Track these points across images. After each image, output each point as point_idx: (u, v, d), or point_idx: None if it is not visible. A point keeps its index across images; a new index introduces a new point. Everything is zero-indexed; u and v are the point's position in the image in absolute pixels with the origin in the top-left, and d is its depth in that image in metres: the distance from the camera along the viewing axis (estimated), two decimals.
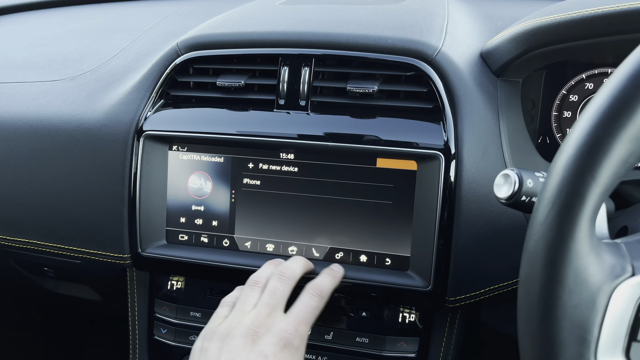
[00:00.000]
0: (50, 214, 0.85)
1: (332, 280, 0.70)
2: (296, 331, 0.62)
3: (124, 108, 0.81)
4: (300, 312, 0.64)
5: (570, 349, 0.39)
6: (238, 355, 0.59)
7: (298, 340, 0.61)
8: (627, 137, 0.37)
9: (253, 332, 0.61)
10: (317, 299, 0.66)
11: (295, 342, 0.61)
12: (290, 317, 0.63)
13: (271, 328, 0.61)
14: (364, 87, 0.73)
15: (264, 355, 0.59)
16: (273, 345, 0.60)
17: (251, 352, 0.59)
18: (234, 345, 0.60)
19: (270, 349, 0.59)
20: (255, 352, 0.59)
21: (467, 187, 0.69)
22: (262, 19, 0.86)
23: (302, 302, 0.66)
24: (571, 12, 0.67)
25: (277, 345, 0.60)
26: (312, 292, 0.67)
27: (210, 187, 0.78)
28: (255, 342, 0.60)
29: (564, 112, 0.80)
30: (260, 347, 0.59)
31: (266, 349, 0.59)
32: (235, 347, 0.60)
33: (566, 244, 0.38)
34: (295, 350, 0.61)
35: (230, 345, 0.60)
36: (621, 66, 0.39)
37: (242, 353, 0.59)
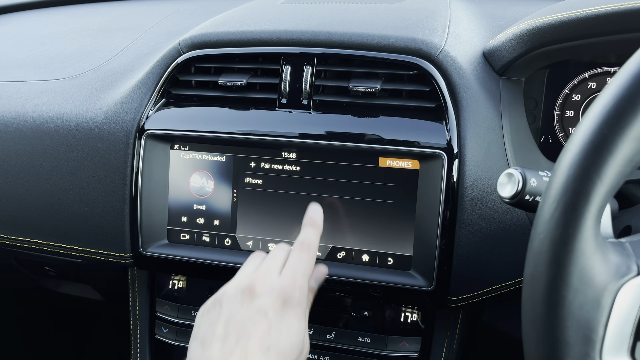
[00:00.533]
0: (51, 213, 0.85)
1: (315, 231, 0.67)
2: (295, 285, 0.60)
3: (126, 107, 0.81)
4: (294, 266, 0.63)
5: (575, 349, 0.39)
6: (237, 312, 0.58)
7: (298, 294, 0.60)
8: (633, 135, 0.37)
9: (249, 288, 0.60)
10: (307, 252, 0.65)
11: (295, 297, 0.60)
12: (285, 273, 0.62)
13: (268, 285, 0.61)
14: (366, 86, 0.73)
15: (263, 311, 0.58)
16: (273, 300, 0.59)
17: (249, 308, 0.58)
18: (232, 302, 0.60)
19: (269, 304, 0.58)
20: (253, 309, 0.58)
21: (469, 186, 0.69)
22: (264, 17, 0.86)
23: (293, 257, 0.64)
24: (574, 11, 0.67)
25: (277, 301, 0.59)
26: (299, 248, 0.65)
27: (212, 186, 0.78)
28: (253, 299, 0.59)
29: (566, 112, 0.80)
30: (258, 304, 0.59)
31: (265, 305, 0.58)
32: (233, 304, 0.60)
33: (571, 243, 0.38)
34: (297, 305, 0.60)
35: (229, 303, 0.60)
36: (626, 65, 0.39)
37: (241, 309, 0.59)
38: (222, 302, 0.61)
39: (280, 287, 0.60)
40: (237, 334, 0.57)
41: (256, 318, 0.58)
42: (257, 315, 0.58)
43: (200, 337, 0.59)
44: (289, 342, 0.57)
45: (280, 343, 0.57)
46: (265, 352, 0.56)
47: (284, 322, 0.58)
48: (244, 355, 0.55)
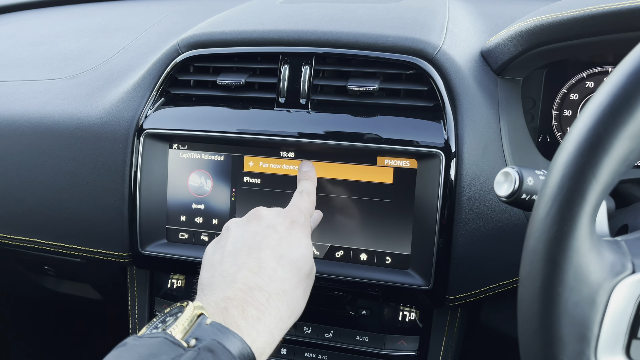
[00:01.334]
0: (50, 212, 0.85)
1: (310, 182, 0.71)
2: (299, 211, 0.64)
3: (125, 106, 0.81)
4: (296, 202, 0.66)
5: (570, 347, 0.39)
6: (245, 231, 0.61)
7: (302, 219, 0.63)
8: (628, 134, 0.37)
9: (255, 213, 0.63)
10: (307, 195, 0.68)
11: (301, 218, 0.63)
12: (289, 206, 0.66)
13: (273, 211, 0.64)
14: (365, 86, 0.73)
15: (272, 227, 0.60)
16: (281, 219, 0.62)
17: (258, 225, 0.61)
18: (240, 225, 0.62)
19: (277, 222, 0.61)
20: (262, 225, 0.61)
21: (467, 185, 0.69)
22: (262, 17, 0.86)
23: (295, 199, 0.68)
24: (571, 11, 0.67)
25: (285, 220, 0.62)
26: (298, 194, 0.69)
27: (211, 185, 0.78)
28: (261, 219, 0.62)
29: (564, 111, 0.80)
30: (266, 222, 0.61)
31: (273, 222, 0.61)
32: (240, 226, 0.62)
33: (567, 241, 0.38)
34: (304, 225, 0.63)
35: (236, 227, 0.63)
36: (621, 64, 0.39)
37: (249, 228, 0.61)
38: (230, 229, 0.63)
39: (286, 211, 0.64)
40: (249, 247, 0.59)
41: (266, 232, 0.60)
42: (266, 230, 0.60)
43: (209, 261, 0.61)
44: (299, 252, 0.60)
45: (291, 252, 0.59)
46: (278, 260, 0.57)
47: (292, 236, 0.60)
48: (257, 263, 0.56)
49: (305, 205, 0.66)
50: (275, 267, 0.56)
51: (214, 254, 0.61)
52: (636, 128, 0.37)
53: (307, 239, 0.62)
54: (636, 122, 0.37)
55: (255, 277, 0.55)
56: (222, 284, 0.55)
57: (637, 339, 0.40)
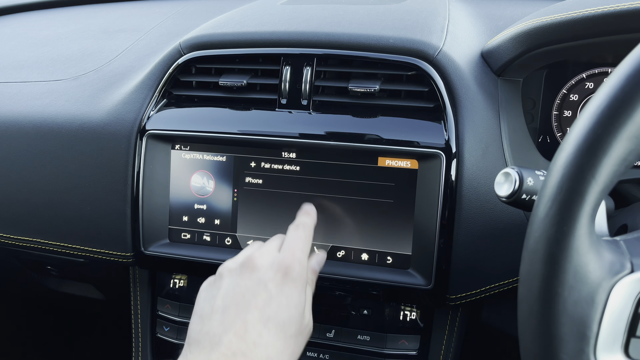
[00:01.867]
0: (53, 213, 0.85)
1: (309, 218, 0.69)
2: (294, 258, 0.61)
3: (127, 107, 0.82)
4: (292, 242, 0.64)
5: (570, 345, 0.40)
6: (236, 284, 0.59)
7: (298, 268, 0.61)
8: (627, 135, 0.37)
9: (249, 261, 0.61)
10: (303, 230, 0.66)
11: (294, 270, 0.60)
12: (284, 248, 0.63)
13: (268, 259, 0.62)
14: (366, 87, 0.74)
15: (263, 283, 0.59)
16: (273, 273, 0.60)
17: (249, 280, 0.59)
18: (232, 275, 0.61)
19: (269, 277, 0.59)
20: (253, 280, 0.59)
21: (468, 185, 0.70)
22: (264, 18, 0.87)
23: (289, 235, 0.65)
24: (571, 12, 0.67)
25: (277, 274, 0.59)
26: (294, 227, 0.67)
27: (213, 186, 0.79)
28: (253, 271, 0.60)
29: (564, 112, 0.80)
30: (258, 276, 0.60)
31: (265, 277, 0.59)
32: (233, 277, 0.61)
33: (566, 241, 0.39)
34: (297, 278, 0.60)
35: (229, 276, 0.61)
36: (620, 65, 0.39)
37: (241, 282, 0.59)
38: (223, 276, 0.62)
39: (280, 260, 0.61)
40: (237, 306, 0.57)
41: (256, 289, 0.58)
42: (257, 287, 0.58)
43: (199, 311, 0.60)
44: (287, 314, 0.58)
45: (279, 315, 0.57)
46: (265, 323, 0.56)
47: (283, 294, 0.58)
48: (244, 326, 0.56)
49: (301, 247, 0.64)
50: (261, 330, 0.56)
51: (205, 301, 0.60)
52: (635, 129, 0.37)
53: (299, 295, 0.60)
54: (635, 123, 0.37)
55: (240, 343, 0.55)
56: (208, 344, 0.55)
57: (635, 338, 0.41)
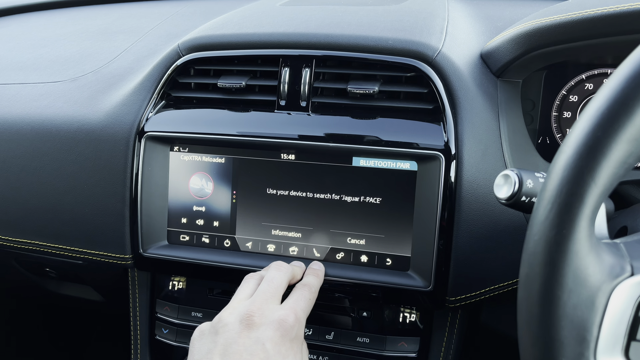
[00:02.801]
0: (51, 215, 0.85)
1: (317, 279, 0.71)
2: (295, 319, 0.61)
3: (126, 109, 0.82)
4: (296, 301, 0.64)
5: (570, 349, 0.40)
6: (234, 342, 0.58)
7: (296, 328, 0.60)
8: (626, 138, 0.37)
9: (248, 317, 0.59)
10: (308, 291, 0.67)
11: (293, 330, 0.60)
12: (286, 306, 0.62)
13: (268, 315, 0.60)
14: (365, 88, 0.73)
15: (261, 342, 0.57)
16: (272, 331, 0.58)
17: (248, 338, 0.58)
18: (230, 331, 0.59)
19: (268, 336, 0.58)
20: (252, 339, 0.58)
21: (467, 187, 0.70)
22: (263, 20, 0.87)
23: (296, 294, 0.66)
24: (571, 13, 0.67)
25: (277, 332, 0.58)
26: (301, 287, 0.68)
27: (212, 187, 0.78)
28: (252, 329, 0.59)
29: (563, 113, 0.80)
30: (257, 334, 0.58)
31: (263, 336, 0.58)
32: (231, 333, 0.59)
33: (566, 244, 0.39)
34: (295, 338, 0.60)
35: (226, 331, 0.59)
36: (620, 67, 0.39)
37: (239, 339, 0.58)
38: (219, 330, 0.60)
39: (279, 318, 0.60)
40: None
41: (254, 349, 0.57)
42: (255, 347, 0.57)
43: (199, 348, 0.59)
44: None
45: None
46: None
47: (280, 354, 0.58)
48: None
49: (303, 307, 0.64)
50: None
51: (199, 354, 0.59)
52: (635, 132, 0.37)
53: (294, 355, 0.59)
54: (635, 125, 0.37)
55: None
56: None
57: (636, 341, 0.41)
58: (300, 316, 0.62)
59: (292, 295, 0.66)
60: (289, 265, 0.71)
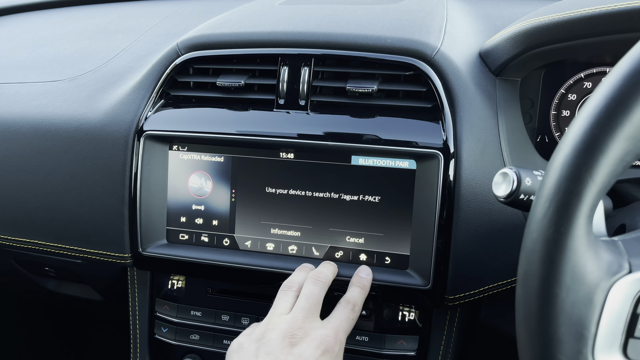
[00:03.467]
0: (51, 214, 0.85)
1: (362, 292, 0.70)
2: (336, 338, 0.62)
3: (125, 108, 0.82)
4: (339, 320, 0.65)
5: (567, 346, 0.40)
6: (276, 358, 0.58)
7: (337, 347, 0.61)
8: (624, 135, 0.37)
9: (291, 335, 0.60)
10: (351, 310, 0.67)
11: (335, 349, 0.61)
12: (329, 325, 0.63)
13: (310, 333, 0.61)
14: (364, 87, 0.74)
15: (304, 359, 0.58)
16: (313, 349, 0.59)
17: (290, 355, 0.58)
18: (272, 347, 0.59)
19: (310, 353, 0.59)
20: (294, 356, 0.58)
21: (466, 186, 0.70)
22: (261, 19, 0.87)
23: (339, 312, 0.66)
24: (569, 12, 0.67)
25: (318, 350, 0.59)
26: (346, 305, 0.67)
27: (211, 186, 0.78)
28: (294, 345, 0.59)
29: (562, 111, 0.80)
30: (299, 351, 0.59)
31: (306, 353, 0.59)
32: (272, 349, 0.59)
33: (564, 241, 0.39)
34: (335, 356, 0.61)
35: (268, 346, 0.60)
36: (618, 65, 0.39)
37: (280, 356, 0.58)
38: (261, 346, 0.60)
39: (321, 337, 0.61)
40: None
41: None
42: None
43: None
44: None
45: None
46: None
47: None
48: None
49: (346, 327, 0.64)
50: None
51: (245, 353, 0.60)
52: (632, 129, 0.37)
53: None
54: (632, 123, 0.37)
55: None
56: None
57: (634, 338, 0.41)
58: (341, 337, 0.63)
59: (335, 313, 0.66)
60: (324, 275, 0.69)
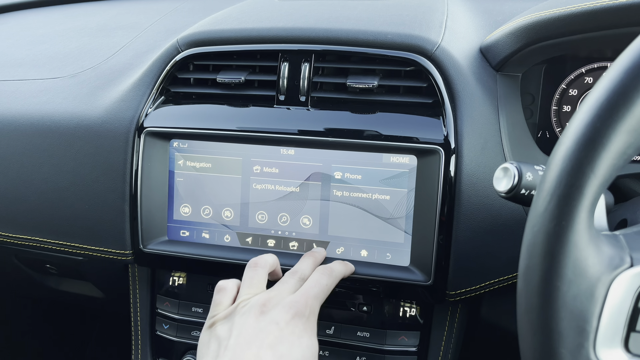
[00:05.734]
0: (51, 211, 0.85)
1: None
2: (305, 303, 0.62)
3: (125, 105, 0.82)
4: (310, 287, 0.64)
5: (569, 340, 0.40)
6: (249, 326, 0.59)
7: (308, 311, 0.62)
8: (625, 129, 0.37)
9: (261, 304, 0.61)
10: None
11: (305, 313, 0.61)
12: (299, 292, 0.64)
13: (280, 301, 0.62)
14: (364, 83, 0.73)
15: (275, 322, 0.59)
16: (284, 313, 0.60)
17: (261, 321, 0.59)
18: (244, 317, 0.61)
19: (281, 317, 0.60)
20: (265, 321, 0.59)
21: (467, 181, 0.70)
22: (261, 15, 0.87)
23: (313, 279, 0.66)
24: (570, 6, 0.67)
25: (288, 314, 0.60)
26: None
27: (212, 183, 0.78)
28: (265, 313, 0.60)
29: (563, 106, 0.80)
30: (270, 316, 0.60)
31: (277, 317, 0.60)
32: (245, 319, 0.60)
33: (565, 235, 0.38)
34: (307, 321, 0.61)
35: (240, 318, 0.61)
36: (619, 59, 0.39)
37: (253, 322, 0.59)
38: (234, 316, 0.61)
39: (291, 301, 0.62)
40: (249, 343, 0.58)
41: (268, 329, 0.59)
42: (269, 326, 0.59)
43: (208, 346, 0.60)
44: (300, 353, 0.58)
45: (292, 354, 0.58)
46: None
47: (295, 334, 0.59)
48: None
49: (317, 292, 0.64)
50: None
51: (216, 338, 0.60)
52: (634, 122, 0.37)
53: (310, 337, 0.61)
54: (634, 116, 0.37)
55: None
56: None
57: (635, 332, 0.41)
58: (311, 302, 0.63)
59: (308, 279, 0.66)
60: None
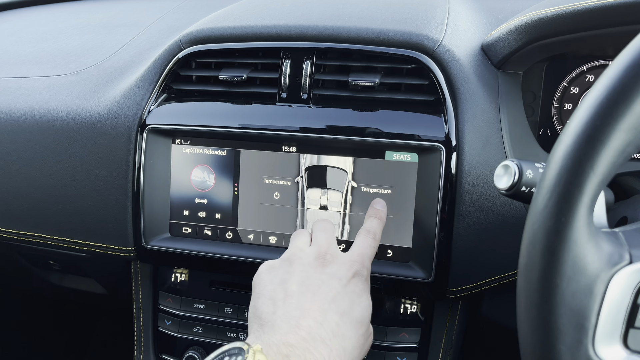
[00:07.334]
0: (54, 208, 0.86)
1: (380, 222, 0.70)
2: (362, 263, 0.62)
3: (127, 102, 0.82)
4: (362, 247, 0.65)
5: (568, 336, 0.40)
6: (310, 275, 0.59)
7: (366, 272, 0.62)
8: (625, 126, 0.37)
9: (322, 257, 0.61)
10: (372, 238, 0.67)
11: (363, 273, 0.61)
12: (354, 252, 0.64)
13: (339, 257, 0.62)
14: (366, 80, 0.74)
15: (338, 278, 0.59)
16: (345, 270, 0.60)
17: (323, 273, 0.59)
18: (305, 265, 0.60)
19: (343, 273, 0.60)
20: (327, 274, 0.59)
21: (468, 178, 0.70)
22: (263, 12, 0.87)
23: (362, 241, 0.66)
24: (572, 4, 0.67)
25: (349, 271, 0.60)
26: (367, 234, 0.67)
27: (213, 180, 0.79)
28: (325, 266, 0.60)
29: (564, 104, 0.80)
30: (331, 270, 0.60)
31: (339, 272, 0.59)
32: (306, 267, 0.60)
33: (564, 232, 0.39)
34: (365, 279, 0.62)
35: (301, 264, 0.60)
36: (619, 57, 0.39)
37: (314, 274, 0.59)
38: (294, 262, 0.61)
39: (350, 260, 0.62)
40: (313, 295, 0.57)
41: (331, 283, 0.58)
42: (331, 281, 0.58)
43: (269, 293, 0.59)
44: (360, 312, 0.59)
45: (353, 310, 0.58)
46: (341, 316, 0.56)
47: (355, 293, 0.59)
48: (322, 314, 0.55)
49: (370, 253, 0.65)
50: (338, 321, 0.56)
51: (273, 285, 0.59)
52: (633, 120, 0.37)
53: (367, 297, 0.61)
54: (633, 114, 0.37)
55: (319, 329, 0.54)
56: (285, 326, 0.54)
57: (634, 328, 0.41)
58: (366, 262, 0.63)
59: (357, 242, 0.66)
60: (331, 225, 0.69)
